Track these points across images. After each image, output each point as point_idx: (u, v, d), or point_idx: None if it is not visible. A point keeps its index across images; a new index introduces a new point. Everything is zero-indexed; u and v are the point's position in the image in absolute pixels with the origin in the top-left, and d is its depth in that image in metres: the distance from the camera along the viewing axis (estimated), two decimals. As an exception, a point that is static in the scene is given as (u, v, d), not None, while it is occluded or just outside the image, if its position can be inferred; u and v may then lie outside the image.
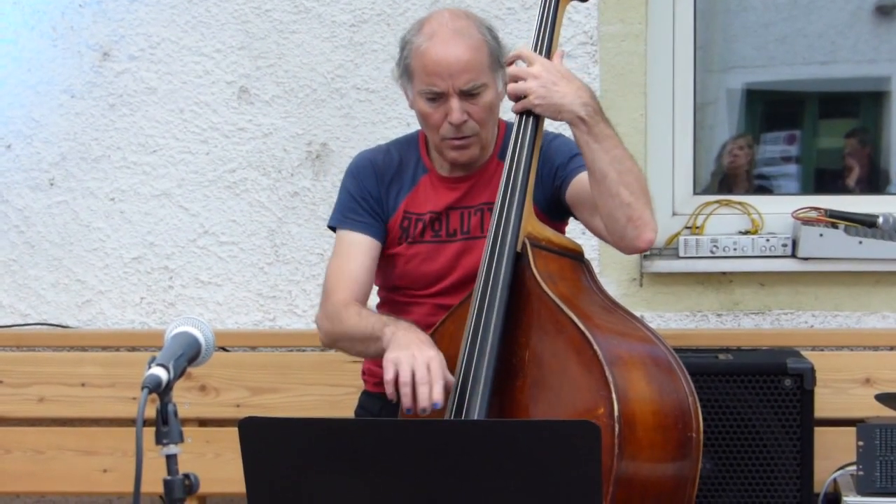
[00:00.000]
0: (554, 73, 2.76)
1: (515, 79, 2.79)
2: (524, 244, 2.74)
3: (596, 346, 2.52)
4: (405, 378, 2.63)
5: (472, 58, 2.86)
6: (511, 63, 2.84)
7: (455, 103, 2.87)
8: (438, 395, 2.61)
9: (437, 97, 2.89)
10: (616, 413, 2.46)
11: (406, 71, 2.94)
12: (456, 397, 2.66)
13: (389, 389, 2.66)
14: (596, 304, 2.75)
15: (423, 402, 2.61)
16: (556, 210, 3.00)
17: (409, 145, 3.11)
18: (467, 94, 2.88)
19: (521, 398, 2.65)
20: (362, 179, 3.07)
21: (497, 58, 2.91)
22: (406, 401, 2.63)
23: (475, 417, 2.61)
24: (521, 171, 2.79)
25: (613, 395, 2.47)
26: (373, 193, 3.05)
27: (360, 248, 3.02)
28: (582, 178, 2.90)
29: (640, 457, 2.51)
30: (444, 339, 2.80)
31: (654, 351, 2.65)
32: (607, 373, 2.49)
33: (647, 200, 2.77)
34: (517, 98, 2.80)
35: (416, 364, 2.63)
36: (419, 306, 3.04)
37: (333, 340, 3.00)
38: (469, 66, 2.85)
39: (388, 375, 2.65)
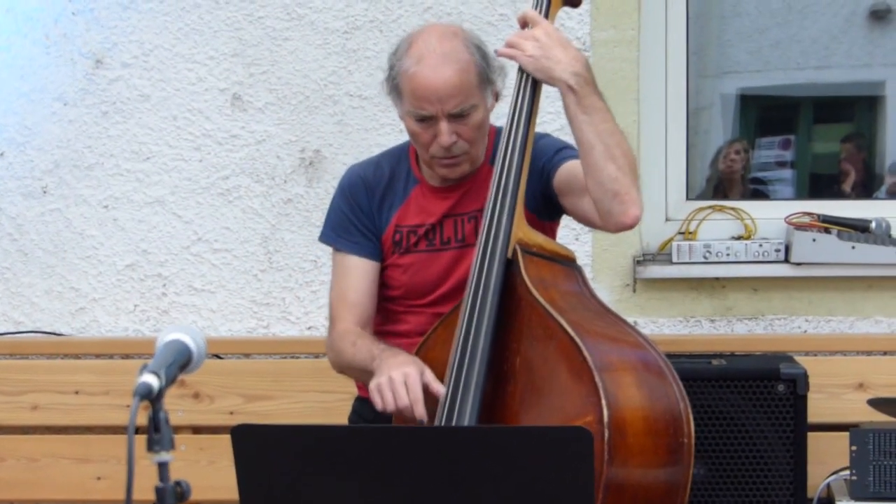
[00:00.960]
0: (553, 39, 2.78)
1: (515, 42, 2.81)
2: (515, 250, 2.74)
3: (585, 352, 2.52)
4: (388, 401, 2.67)
5: (461, 81, 2.84)
6: (520, 23, 2.86)
7: (444, 126, 2.86)
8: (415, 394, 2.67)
9: (426, 119, 2.88)
10: (606, 419, 2.46)
11: (395, 89, 2.92)
12: (447, 403, 2.66)
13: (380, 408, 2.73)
14: (587, 310, 2.74)
15: (402, 400, 2.65)
16: (545, 208, 2.99)
17: (400, 157, 3.10)
18: (456, 116, 2.86)
19: (511, 404, 2.66)
20: (354, 197, 3.07)
21: (486, 75, 2.90)
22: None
23: (466, 423, 2.61)
24: (511, 177, 2.79)
25: (603, 401, 2.47)
26: (365, 210, 3.05)
27: (359, 271, 3.03)
28: (568, 165, 2.91)
29: (630, 463, 2.51)
30: (436, 346, 2.82)
31: (644, 356, 2.65)
32: (597, 379, 2.49)
33: (635, 178, 2.76)
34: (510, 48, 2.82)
35: (395, 384, 2.67)
36: (415, 315, 3.04)
37: (341, 370, 3.05)
38: (457, 90, 2.84)
39: (378, 405, 2.70)
